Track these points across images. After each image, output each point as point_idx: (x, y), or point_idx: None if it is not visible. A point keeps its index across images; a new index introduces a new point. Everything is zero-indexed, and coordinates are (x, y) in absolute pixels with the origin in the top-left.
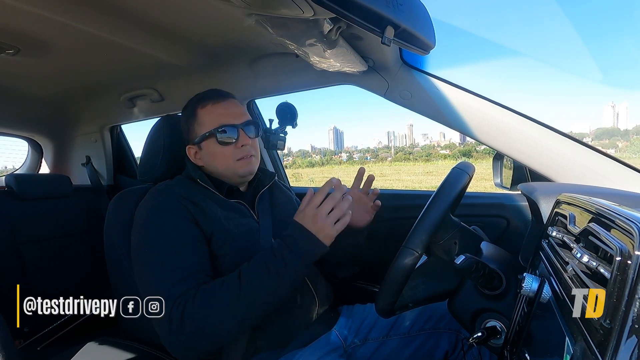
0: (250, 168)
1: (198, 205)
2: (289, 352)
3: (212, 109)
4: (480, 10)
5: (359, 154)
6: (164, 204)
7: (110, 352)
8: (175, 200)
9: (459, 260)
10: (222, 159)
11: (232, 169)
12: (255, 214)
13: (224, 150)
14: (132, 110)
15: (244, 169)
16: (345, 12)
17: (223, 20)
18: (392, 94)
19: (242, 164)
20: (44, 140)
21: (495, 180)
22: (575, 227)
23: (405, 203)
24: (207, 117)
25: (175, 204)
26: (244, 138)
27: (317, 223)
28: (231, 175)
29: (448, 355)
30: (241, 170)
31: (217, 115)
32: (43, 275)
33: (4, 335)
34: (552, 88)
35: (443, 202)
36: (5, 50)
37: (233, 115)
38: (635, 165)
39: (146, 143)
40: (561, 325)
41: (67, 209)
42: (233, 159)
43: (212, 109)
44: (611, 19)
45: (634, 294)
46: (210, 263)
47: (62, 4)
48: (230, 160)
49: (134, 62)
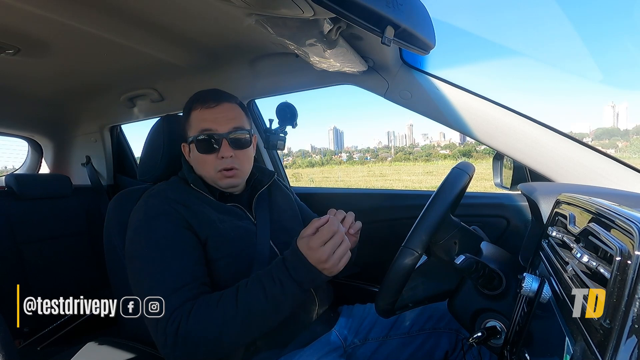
0: (229, 182)
1: (191, 208)
2: (289, 352)
3: (200, 113)
4: (480, 10)
5: (359, 154)
6: (157, 209)
7: (110, 352)
8: (167, 205)
9: (459, 260)
10: (203, 167)
11: (213, 179)
12: (253, 215)
13: (205, 159)
14: (132, 110)
15: (224, 181)
16: (345, 12)
17: (223, 20)
18: (392, 94)
19: (221, 175)
20: (44, 140)
21: (495, 180)
22: (575, 227)
23: (405, 203)
24: (195, 120)
25: (168, 209)
26: (225, 149)
27: (323, 259)
28: (213, 184)
29: (448, 355)
30: (221, 182)
31: (201, 120)
32: (43, 275)
33: (4, 335)
34: (552, 88)
35: (443, 202)
36: (5, 50)
37: (219, 122)
38: (635, 165)
39: (146, 143)
40: (561, 325)
41: (67, 209)
42: (214, 169)
43: (200, 113)
44: (611, 19)
45: (634, 294)
46: (206, 269)
47: (62, 4)
48: (211, 170)
49: (134, 62)
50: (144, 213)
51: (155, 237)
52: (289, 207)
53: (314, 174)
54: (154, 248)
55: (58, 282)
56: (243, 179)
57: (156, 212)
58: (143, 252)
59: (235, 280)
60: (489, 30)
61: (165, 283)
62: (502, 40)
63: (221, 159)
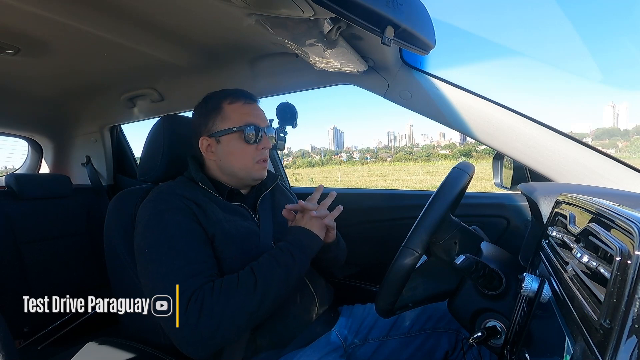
0: (263, 173)
1: (200, 206)
2: (289, 352)
3: (242, 107)
4: (480, 10)
5: (359, 154)
6: (168, 203)
7: (110, 352)
8: (178, 200)
9: (459, 260)
10: (241, 157)
11: (248, 169)
12: (257, 217)
13: (246, 149)
14: (132, 110)
15: (259, 172)
16: (345, 12)
17: (223, 20)
18: (392, 94)
19: (258, 167)
20: (44, 140)
21: (495, 180)
22: (575, 227)
23: (405, 203)
24: (235, 114)
25: (179, 204)
26: (266, 141)
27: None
28: (244, 176)
29: (448, 355)
30: (256, 173)
31: (245, 114)
32: (43, 275)
33: (4, 335)
34: (552, 88)
35: (443, 202)
36: (5, 50)
37: (261, 118)
38: (635, 165)
39: (146, 143)
40: (561, 325)
41: (67, 209)
42: (252, 159)
43: (242, 107)
44: (611, 19)
45: (634, 294)
46: (216, 262)
47: (62, 4)
48: (250, 161)
49: (134, 62)
50: (154, 207)
51: (168, 227)
52: None
53: (314, 174)
54: (168, 238)
55: (58, 282)
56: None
57: (167, 205)
58: (157, 243)
59: None
60: (489, 30)
61: (182, 269)
62: (502, 40)
63: (262, 150)
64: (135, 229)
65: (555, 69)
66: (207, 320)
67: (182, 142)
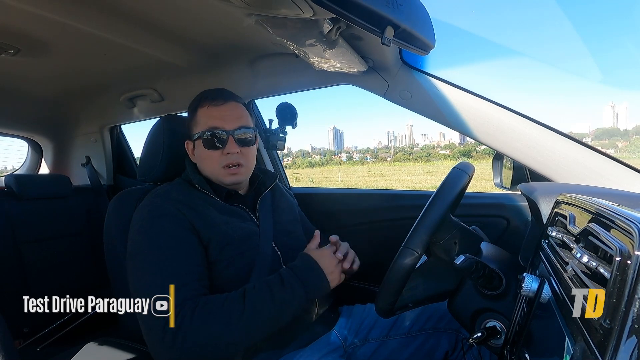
0: (234, 179)
1: (196, 210)
2: (289, 352)
3: (208, 111)
4: (480, 10)
5: (358, 154)
6: (161, 209)
7: (110, 352)
8: (172, 206)
9: (459, 260)
10: (208, 163)
11: (216, 175)
12: (256, 217)
13: (211, 155)
14: (132, 110)
15: (229, 178)
16: (345, 12)
17: (223, 20)
18: (392, 94)
19: (224, 172)
20: (44, 141)
21: (495, 180)
22: (575, 227)
23: (405, 203)
24: (203, 117)
25: (172, 210)
26: (232, 146)
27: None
28: (216, 181)
29: (448, 355)
30: (225, 179)
31: (209, 117)
32: (43, 275)
33: (4, 335)
34: (552, 88)
35: (443, 202)
36: (5, 50)
37: (226, 120)
38: (635, 165)
39: (146, 143)
40: (561, 325)
41: (67, 209)
42: (219, 165)
43: (208, 111)
44: (611, 19)
45: (633, 294)
46: (207, 271)
47: (62, 4)
48: (216, 166)
49: (134, 62)
50: (148, 212)
51: (157, 236)
52: (290, 211)
53: (313, 174)
54: (156, 247)
55: (58, 282)
56: (247, 176)
57: (160, 212)
58: (144, 250)
59: (233, 280)
60: (489, 30)
61: (165, 281)
62: (502, 40)
63: (226, 155)
64: (129, 231)
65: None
66: (182, 343)
67: (182, 142)
